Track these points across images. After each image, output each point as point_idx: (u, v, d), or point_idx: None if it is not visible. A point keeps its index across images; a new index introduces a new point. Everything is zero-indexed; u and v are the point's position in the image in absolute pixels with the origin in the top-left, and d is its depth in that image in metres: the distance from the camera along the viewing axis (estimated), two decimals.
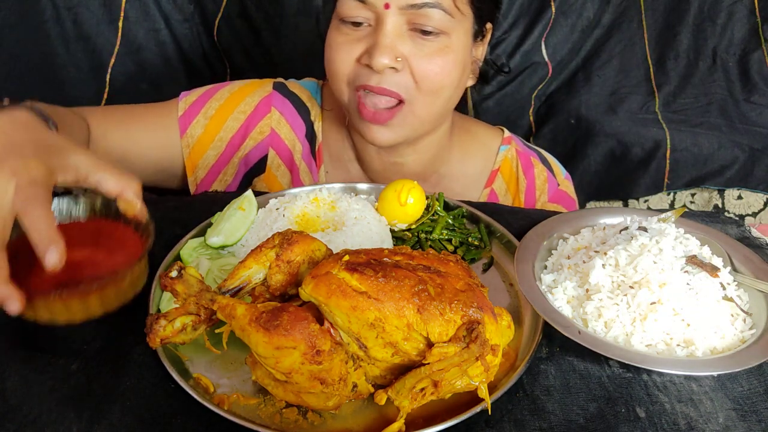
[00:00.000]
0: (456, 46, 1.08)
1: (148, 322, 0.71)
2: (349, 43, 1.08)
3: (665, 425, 0.70)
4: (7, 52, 1.60)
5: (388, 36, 1.03)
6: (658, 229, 0.90)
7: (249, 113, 1.27)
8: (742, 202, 1.86)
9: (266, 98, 1.28)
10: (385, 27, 1.03)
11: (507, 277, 0.95)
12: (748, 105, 1.86)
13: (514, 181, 1.37)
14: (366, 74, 1.07)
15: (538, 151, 1.42)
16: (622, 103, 1.87)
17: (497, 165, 1.36)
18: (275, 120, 1.28)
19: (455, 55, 1.08)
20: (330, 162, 1.33)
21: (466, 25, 1.10)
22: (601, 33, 1.92)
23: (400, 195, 1.01)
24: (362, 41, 1.07)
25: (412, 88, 1.08)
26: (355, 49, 1.07)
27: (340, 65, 1.09)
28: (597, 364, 0.78)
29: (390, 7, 1.02)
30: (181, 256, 0.92)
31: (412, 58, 1.05)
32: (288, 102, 1.29)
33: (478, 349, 0.64)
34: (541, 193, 1.37)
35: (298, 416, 0.70)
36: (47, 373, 0.73)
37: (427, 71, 1.06)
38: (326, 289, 0.65)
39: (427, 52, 1.06)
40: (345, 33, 1.08)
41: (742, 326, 0.83)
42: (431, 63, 1.06)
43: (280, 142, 1.29)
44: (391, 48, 1.03)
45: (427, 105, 1.10)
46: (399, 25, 1.04)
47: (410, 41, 1.05)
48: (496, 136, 1.39)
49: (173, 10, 1.75)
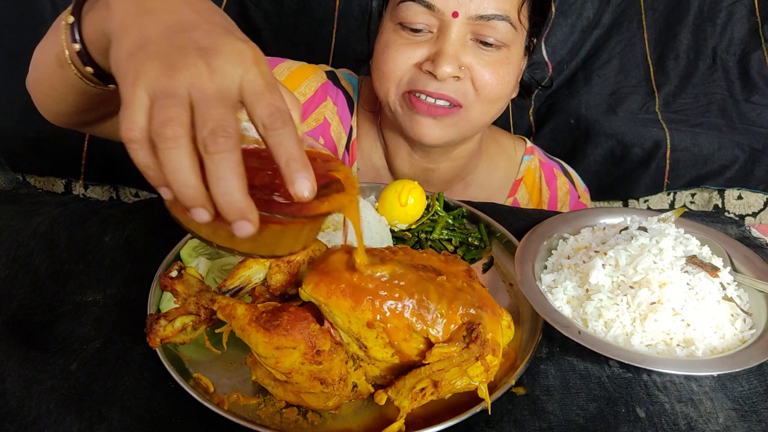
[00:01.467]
0: (514, 58, 1.08)
1: (148, 322, 0.71)
2: (409, 47, 1.06)
3: (665, 425, 0.70)
4: (6, 52, 1.61)
5: (453, 45, 1.02)
6: (658, 229, 0.90)
7: (309, 97, 1.24)
8: (742, 202, 1.86)
9: (323, 85, 1.26)
10: (450, 36, 1.02)
11: (507, 277, 0.95)
12: (748, 105, 1.85)
13: (536, 192, 1.37)
14: (424, 80, 1.05)
15: (559, 163, 1.42)
16: (622, 103, 1.87)
17: (520, 175, 1.36)
18: (329, 109, 1.26)
19: (513, 66, 1.08)
20: (361, 159, 1.31)
21: (522, 38, 1.10)
22: (601, 33, 1.92)
23: (400, 195, 1.01)
24: (423, 46, 1.05)
25: (472, 95, 1.07)
26: (416, 54, 1.06)
27: (396, 67, 1.07)
28: (597, 364, 0.78)
29: (458, 16, 1.01)
30: (181, 256, 0.92)
31: (473, 68, 1.05)
32: (341, 93, 1.28)
33: (478, 349, 0.64)
34: (562, 205, 1.37)
35: (298, 416, 0.70)
36: (47, 373, 0.73)
37: (487, 81, 1.05)
38: (326, 289, 0.65)
39: (488, 61, 1.05)
40: (404, 36, 1.06)
41: (742, 326, 0.83)
42: (493, 73, 1.05)
43: (329, 133, 1.26)
44: (455, 57, 1.02)
45: (482, 113, 1.10)
46: (463, 34, 1.03)
47: (472, 51, 1.04)
48: (520, 146, 1.38)
49: None
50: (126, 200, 1.70)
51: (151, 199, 1.44)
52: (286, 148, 0.52)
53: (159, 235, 0.99)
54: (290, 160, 0.52)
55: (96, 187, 1.74)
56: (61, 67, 0.78)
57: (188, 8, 0.59)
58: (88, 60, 0.74)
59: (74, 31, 0.73)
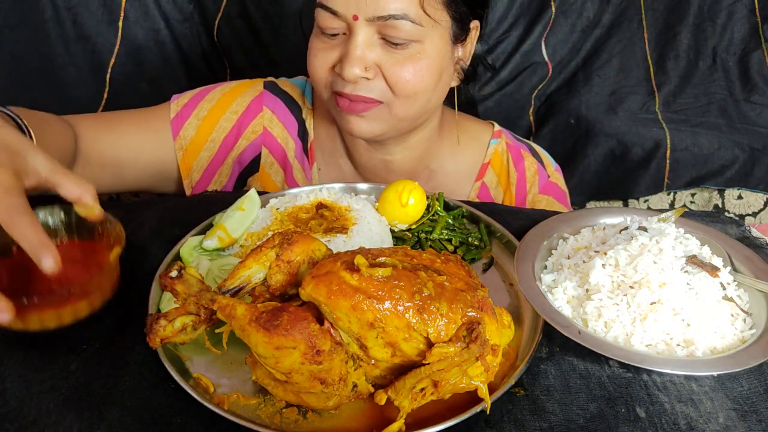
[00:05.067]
0: (430, 52, 1.08)
1: (148, 322, 0.71)
2: (326, 51, 1.09)
3: (665, 425, 0.70)
4: (7, 53, 1.60)
5: (358, 47, 1.04)
6: (658, 229, 0.90)
7: (241, 113, 1.27)
8: (742, 202, 1.86)
9: (257, 97, 1.29)
10: (355, 38, 1.04)
11: (507, 277, 0.95)
12: (748, 105, 1.85)
13: (504, 174, 1.37)
14: (341, 82, 1.08)
15: (528, 144, 1.43)
16: (622, 103, 1.87)
17: (488, 158, 1.37)
18: (267, 119, 1.28)
19: (429, 60, 1.08)
20: (322, 159, 1.34)
21: (441, 30, 1.09)
22: (601, 33, 1.91)
23: (401, 196, 1.01)
24: (337, 49, 1.08)
25: (388, 92, 1.09)
26: (331, 57, 1.09)
27: (318, 71, 1.11)
28: (597, 364, 0.78)
29: (358, 19, 1.03)
30: (181, 256, 0.92)
31: (384, 66, 1.06)
32: (279, 100, 1.30)
33: (478, 349, 0.64)
34: (531, 185, 1.38)
35: (298, 416, 0.70)
36: (47, 373, 0.73)
37: (399, 78, 1.07)
38: (326, 289, 0.65)
39: (398, 59, 1.06)
40: (323, 40, 1.10)
41: (742, 326, 0.83)
42: (403, 70, 1.06)
43: (273, 141, 1.29)
44: (360, 59, 1.04)
45: (404, 108, 1.11)
46: (369, 35, 1.05)
47: (381, 49, 1.06)
48: (487, 130, 1.39)
49: (173, 10, 1.75)
50: (126, 200, 1.70)
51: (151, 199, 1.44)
52: (26, 237, 0.67)
53: (159, 235, 0.99)
54: (31, 246, 0.67)
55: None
56: None
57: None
58: None
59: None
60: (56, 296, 0.74)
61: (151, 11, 1.72)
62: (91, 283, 0.77)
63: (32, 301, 0.72)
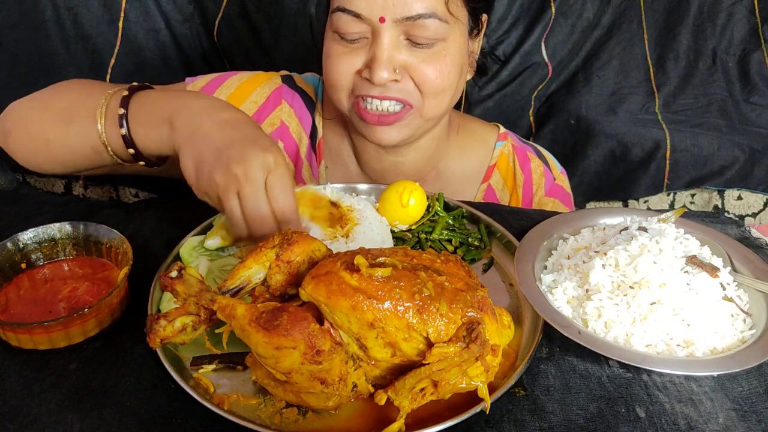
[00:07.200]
0: (452, 49, 1.08)
1: (148, 322, 0.71)
2: (348, 55, 1.07)
3: (665, 425, 0.70)
4: (7, 53, 1.60)
5: (386, 50, 1.03)
6: (658, 229, 0.90)
7: (261, 104, 1.26)
8: (742, 203, 1.86)
9: (277, 90, 1.28)
10: (382, 41, 1.03)
11: (507, 277, 0.95)
12: (748, 105, 1.85)
13: (511, 176, 1.37)
14: (368, 86, 1.07)
15: (533, 146, 1.43)
16: (622, 103, 1.87)
17: (494, 161, 1.37)
18: (285, 113, 1.28)
19: (452, 57, 1.08)
20: (329, 158, 1.33)
21: (461, 26, 1.10)
22: (601, 33, 1.91)
23: (401, 196, 1.01)
24: (360, 53, 1.07)
25: (416, 92, 1.08)
26: (355, 62, 1.07)
27: (340, 77, 1.09)
28: (597, 364, 0.78)
29: (385, 21, 1.01)
30: (181, 256, 0.92)
31: (410, 67, 1.06)
32: (297, 95, 1.29)
33: (478, 349, 0.64)
34: (537, 188, 1.38)
35: (298, 416, 0.70)
36: (47, 372, 0.73)
37: (427, 77, 1.06)
38: (326, 289, 0.65)
39: (424, 58, 1.06)
40: (344, 45, 1.08)
41: (742, 326, 0.83)
42: (429, 68, 1.06)
43: (288, 136, 1.28)
44: (389, 61, 1.04)
45: (433, 107, 1.11)
46: (395, 37, 1.04)
47: (407, 50, 1.05)
48: (492, 133, 1.39)
49: (173, 10, 1.75)
50: (126, 200, 1.70)
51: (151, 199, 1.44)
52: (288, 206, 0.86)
53: (159, 235, 0.99)
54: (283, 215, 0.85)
55: (96, 187, 1.73)
56: (97, 153, 0.99)
57: (228, 128, 0.87)
58: (131, 144, 0.95)
59: (123, 121, 0.94)
60: (66, 318, 0.75)
61: (151, 11, 1.72)
62: (101, 303, 0.77)
63: (42, 324, 0.73)
